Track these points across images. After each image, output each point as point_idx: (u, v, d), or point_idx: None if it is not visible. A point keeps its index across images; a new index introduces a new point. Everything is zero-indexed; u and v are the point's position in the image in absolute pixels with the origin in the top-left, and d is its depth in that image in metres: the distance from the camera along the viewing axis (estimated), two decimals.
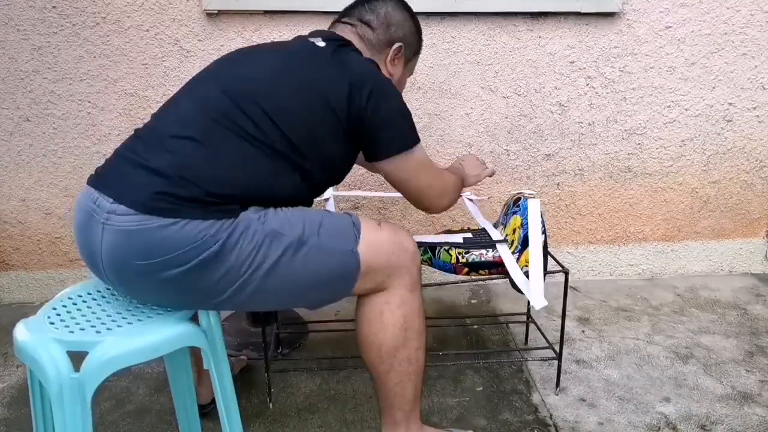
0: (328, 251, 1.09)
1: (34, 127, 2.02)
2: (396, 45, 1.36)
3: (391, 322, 1.16)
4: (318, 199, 1.94)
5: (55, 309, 1.09)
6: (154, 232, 0.99)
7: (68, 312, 1.08)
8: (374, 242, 1.13)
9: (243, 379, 1.65)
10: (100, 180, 1.08)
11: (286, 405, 1.55)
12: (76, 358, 0.98)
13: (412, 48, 1.42)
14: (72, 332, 1.01)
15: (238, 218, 1.04)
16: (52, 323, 1.04)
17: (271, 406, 1.55)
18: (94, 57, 1.95)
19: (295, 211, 1.13)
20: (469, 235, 1.59)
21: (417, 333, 1.19)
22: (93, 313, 1.09)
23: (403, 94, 1.33)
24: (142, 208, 1.00)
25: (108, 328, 1.03)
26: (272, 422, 1.49)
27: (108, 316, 1.08)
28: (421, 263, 1.59)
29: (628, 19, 2.03)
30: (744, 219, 2.32)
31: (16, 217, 2.11)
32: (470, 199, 1.80)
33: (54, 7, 1.90)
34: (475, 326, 1.97)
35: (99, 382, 0.96)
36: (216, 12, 1.89)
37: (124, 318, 1.07)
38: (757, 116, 2.18)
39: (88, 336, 1.00)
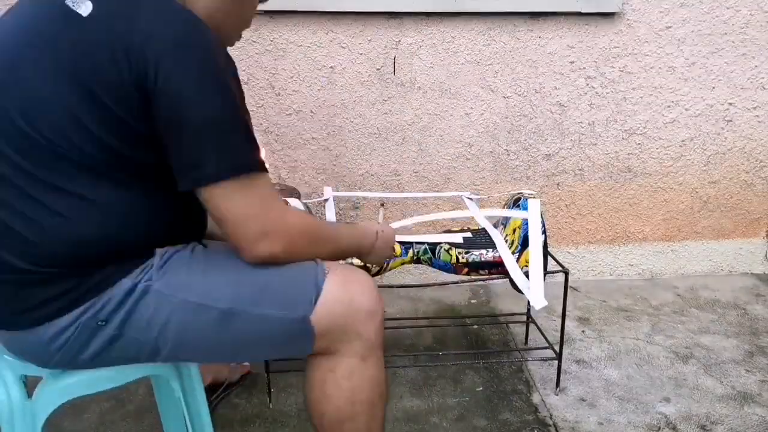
0: (269, 320, 0.89)
1: None
2: None
3: (335, 394, 0.95)
4: (317, 200, 1.95)
5: None
6: (24, 339, 0.85)
7: None
8: (322, 301, 0.91)
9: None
10: None
11: (286, 405, 1.55)
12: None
13: None
14: None
15: (133, 284, 0.85)
16: None
17: (271, 406, 1.55)
18: None
19: (225, 263, 0.91)
20: (469, 235, 1.59)
21: (368, 406, 0.97)
22: None
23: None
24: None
25: None
26: (272, 422, 1.49)
27: None
28: (403, 271, 1.46)
29: (628, 19, 2.03)
30: (744, 219, 2.31)
31: None
32: (470, 198, 1.80)
33: None
34: (475, 326, 1.97)
35: (51, 410, 0.92)
36: None
37: None
38: (757, 116, 2.18)
39: None
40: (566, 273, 1.51)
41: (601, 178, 2.21)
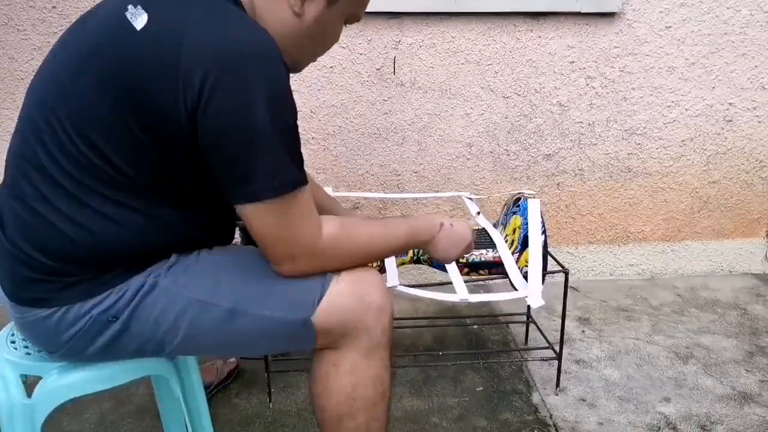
0: (271, 320, 0.89)
1: None
2: None
3: (336, 388, 0.94)
4: None
5: None
6: (40, 323, 0.86)
7: None
8: (330, 299, 0.90)
9: (242, 379, 1.65)
10: None
11: (286, 405, 1.55)
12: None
13: None
14: (29, 354, 0.95)
15: (143, 281, 0.87)
16: (12, 342, 0.97)
17: (271, 406, 1.55)
18: None
19: (231, 264, 0.93)
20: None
21: (369, 404, 0.96)
22: None
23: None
24: (15, 298, 0.87)
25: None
26: (272, 422, 1.49)
27: None
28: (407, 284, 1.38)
29: (628, 19, 2.03)
30: (744, 219, 2.31)
31: None
32: (470, 198, 1.80)
33: (54, 7, 1.90)
34: (475, 326, 1.97)
35: (50, 410, 0.92)
36: None
37: None
38: (757, 116, 2.18)
39: (44, 360, 0.93)
40: (566, 273, 1.51)
41: (601, 178, 2.21)
